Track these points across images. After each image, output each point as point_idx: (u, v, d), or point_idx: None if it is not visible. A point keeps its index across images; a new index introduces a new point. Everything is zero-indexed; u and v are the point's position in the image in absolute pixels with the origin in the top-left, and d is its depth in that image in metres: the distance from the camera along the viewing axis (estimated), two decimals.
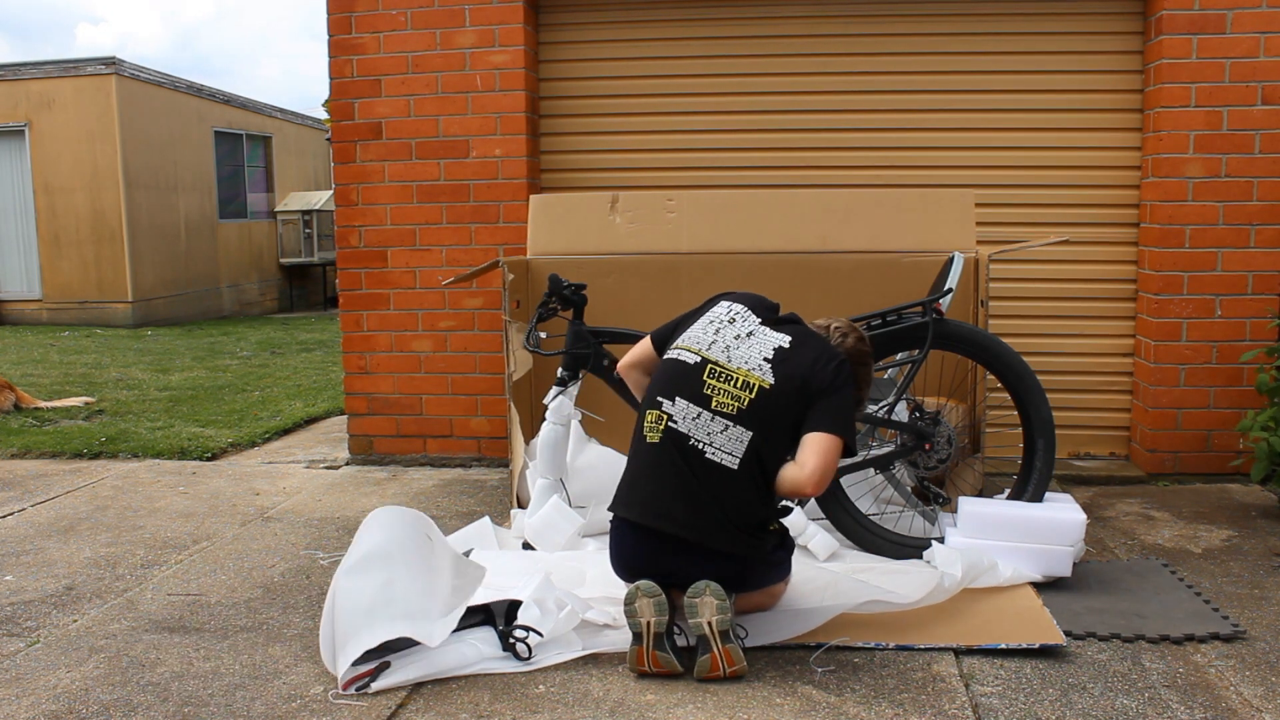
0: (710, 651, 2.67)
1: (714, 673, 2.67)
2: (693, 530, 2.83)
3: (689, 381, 2.92)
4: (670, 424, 2.88)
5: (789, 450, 2.92)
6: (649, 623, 2.69)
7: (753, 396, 2.86)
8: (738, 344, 2.96)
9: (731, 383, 2.89)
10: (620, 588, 3.12)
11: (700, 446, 2.85)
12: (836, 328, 3.08)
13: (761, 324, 3.01)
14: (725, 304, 3.10)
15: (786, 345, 2.94)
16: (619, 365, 3.36)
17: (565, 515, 3.73)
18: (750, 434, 2.85)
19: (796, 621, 2.96)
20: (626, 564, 2.95)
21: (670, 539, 2.84)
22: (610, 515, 3.00)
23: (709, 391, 2.89)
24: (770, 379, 2.88)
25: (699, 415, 2.87)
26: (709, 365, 2.93)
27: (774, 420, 2.87)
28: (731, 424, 2.85)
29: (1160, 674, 2.72)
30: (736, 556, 2.87)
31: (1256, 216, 4.59)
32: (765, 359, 2.92)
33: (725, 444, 2.85)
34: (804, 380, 2.88)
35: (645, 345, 3.26)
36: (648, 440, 2.93)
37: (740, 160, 5.13)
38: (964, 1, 4.91)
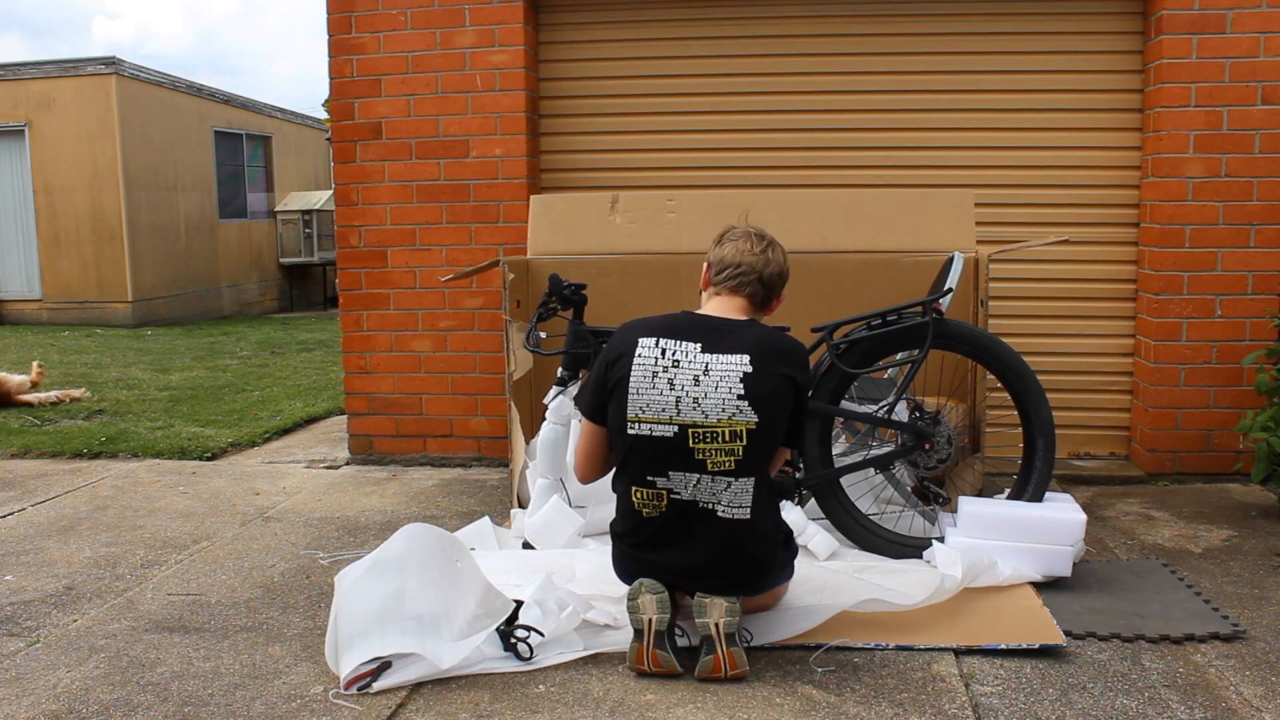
0: (714, 653, 2.67)
1: (715, 673, 2.67)
2: (721, 574, 2.79)
3: (675, 454, 2.73)
4: (673, 496, 2.76)
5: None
6: (650, 620, 2.69)
7: (744, 444, 2.71)
8: (701, 389, 2.72)
9: (719, 439, 2.70)
10: (613, 584, 3.13)
11: (710, 507, 2.75)
12: (757, 246, 2.89)
13: (703, 351, 2.75)
14: (650, 343, 2.79)
15: (750, 368, 2.72)
16: (578, 472, 3.02)
17: (565, 515, 3.73)
18: (753, 479, 2.75)
19: (796, 620, 2.96)
20: (637, 577, 2.87)
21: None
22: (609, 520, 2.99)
23: (700, 456, 2.72)
24: (754, 417, 2.70)
25: (698, 481, 2.73)
26: (689, 431, 2.71)
27: (770, 449, 2.78)
28: (734, 479, 2.73)
29: (1160, 674, 2.72)
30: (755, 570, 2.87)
31: (1256, 216, 4.59)
32: (739, 396, 2.70)
33: (733, 499, 2.74)
34: (786, 396, 2.77)
35: (593, 434, 2.93)
36: (645, 514, 2.80)
37: (740, 160, 5.13)
38: (964, 1, 4.92)
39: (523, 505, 4.10)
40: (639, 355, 2.78)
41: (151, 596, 3.39)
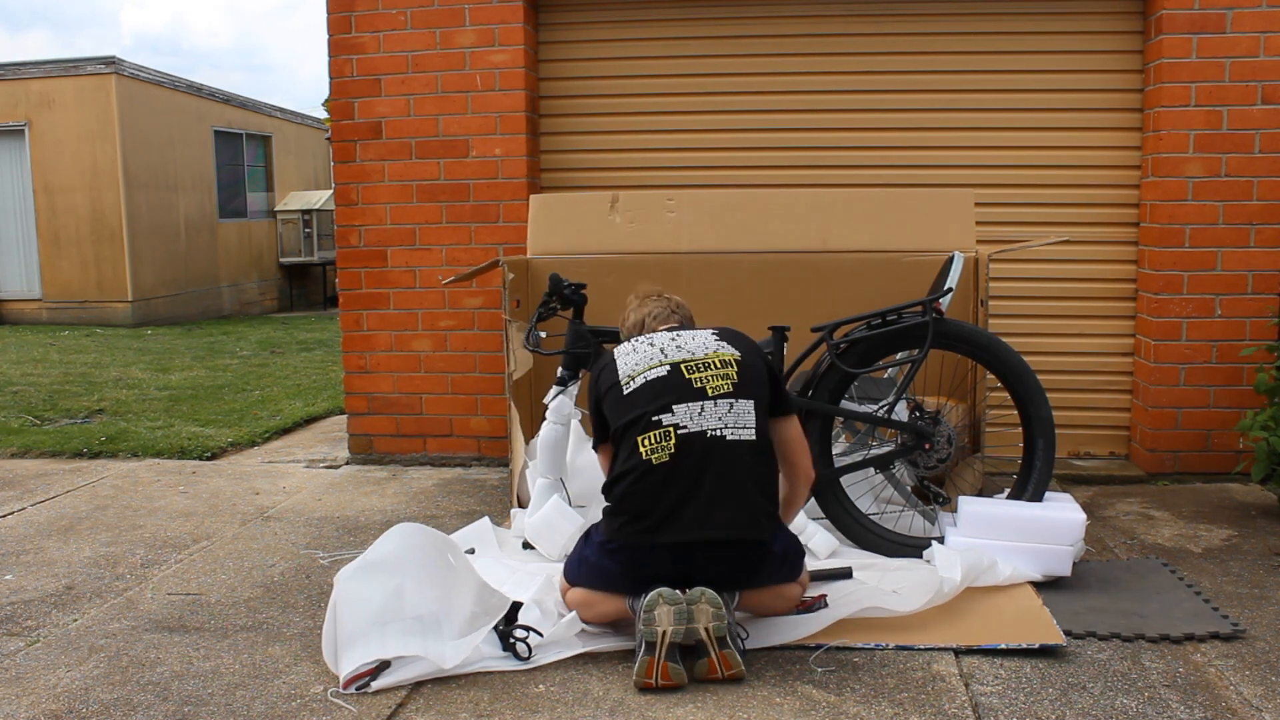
0: (708, 656, 2.66)
1: (712, 674, 2.67)
2: (740, 529, 2.78)
3: (674, 388, 2.86)
4: (680, 431, 2.80)
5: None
6: (665, 632, 2.63)
7: (735, 369, 2.90)
8: (682, 342, 2.98)
9: (710, 367, 2.90)
10: None
11: (720, 432, 2.82)
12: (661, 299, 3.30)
13: (672, 334, 3.05)
14: (625, 345, 3.07)
15: (716, 335, 3.02)
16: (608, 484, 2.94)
17: (565, 515, 3.72)
18: (751, 403, 2.88)
19: (796, 625, 2.95)
20: (643, 581, 2.79)
21: (702, 546, 2.78)
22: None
23: (699, 384, 2.86)
24: (735, 351, 2.95)
25: (702, 408, 2.83)
26: (680, 365, 2.90)
27: (758, 387, 2.93)
28: (734, 399, 2.86)
29: (1160, 673, 2.72)
30: (757, 546, 2.84)
31: (1256, 216, 4.59)
32: (716, 339, 2.99)
33: (738, 420, 2.84)
34: (756, 350, 3.01)
35: (608, 451, 3.00)
36: (655, 461, 2.79)
37: (740, 160, 5.13)
38: (964, 1, 4.92)
39: (523, 505, 4.10)
40: (618, 352, 3.05)
41: (151, 596, 3.39)
